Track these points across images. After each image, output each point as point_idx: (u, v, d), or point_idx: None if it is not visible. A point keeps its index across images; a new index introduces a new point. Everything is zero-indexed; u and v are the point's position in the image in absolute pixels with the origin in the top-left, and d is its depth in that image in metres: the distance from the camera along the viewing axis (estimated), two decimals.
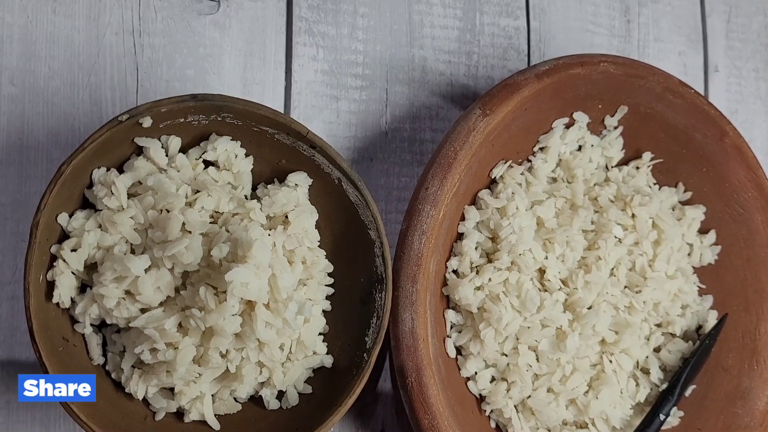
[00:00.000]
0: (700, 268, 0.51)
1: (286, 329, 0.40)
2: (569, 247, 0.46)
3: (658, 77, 0.47)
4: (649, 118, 0.49)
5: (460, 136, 0.43)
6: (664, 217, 0.48)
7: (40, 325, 0.37)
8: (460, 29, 0.53)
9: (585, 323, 0.45)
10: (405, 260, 0.42)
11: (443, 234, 0.43)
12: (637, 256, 0.48)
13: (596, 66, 0.46)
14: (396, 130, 0.50)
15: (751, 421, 0.49)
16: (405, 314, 0.41)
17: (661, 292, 0.48)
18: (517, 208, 0.46)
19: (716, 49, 0.60)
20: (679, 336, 0.50)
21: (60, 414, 0.43)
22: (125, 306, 0.39)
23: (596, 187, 0.48)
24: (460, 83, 0.52)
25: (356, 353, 0.42)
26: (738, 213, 0.50)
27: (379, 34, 0.51)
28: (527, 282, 0.45)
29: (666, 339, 0.50)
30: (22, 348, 0.43)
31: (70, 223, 0.39)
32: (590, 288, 0.46)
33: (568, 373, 0.45)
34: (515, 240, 0.45)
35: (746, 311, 0.50)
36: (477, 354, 0.45)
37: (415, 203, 0.42)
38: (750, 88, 0.61)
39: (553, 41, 0.55)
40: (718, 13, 0.60)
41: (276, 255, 0.41)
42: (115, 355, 0.41)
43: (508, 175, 0.47)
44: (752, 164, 0.50)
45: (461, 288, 0.44)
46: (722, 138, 0.49)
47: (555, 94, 0.45)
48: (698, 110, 0.49)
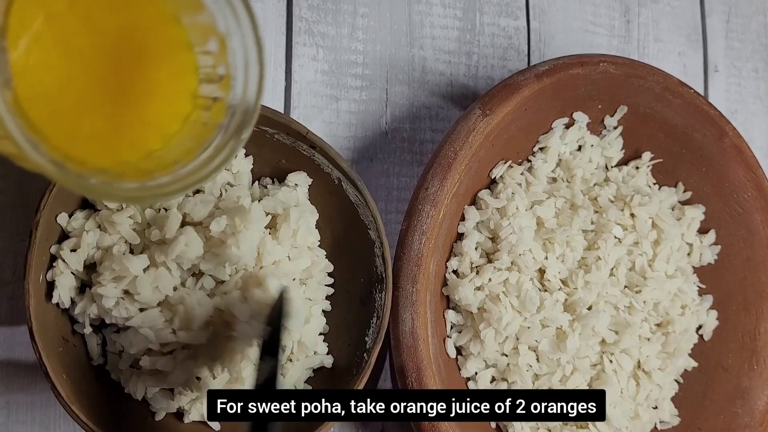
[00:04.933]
0: (700, 268, 0.51)
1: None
2: (569, 247, 0.46)
3: (657, 77, 0.47)
4: (648, 118, 0.49)
5: (460, 137, 0.43)
6: (664, 217, 0.48)
7: (39, 326, 0.37)
8: (460, 29, 0.53)
9: (585, 323, 0.45)
10: (405, 260, 0.42)
11: (443, 234, 0.43)
12: (636, 256, 0.48)
13: (596, 66, 0.46)
14: (396, 130, 0.50)
15: (750, 421, 0.49)
16: (405, 314, 0.41)
17: (660, 292, 0.48)
18: (517, 208, 0.46)
19: (716, 50, 0.60)
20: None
21: (60, 414, 0.43)
22: (124, 306, 0.39)
23: (596, 187, 0.48)
24: (460, 83, 0.52)
25: (356, 353, 0.42)
26: (737, 213, 0.50)
27: (379, 34, 0.51)
28: (527, 282, 0.45)
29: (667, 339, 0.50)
30: (22, 348, 0.43)
31: (70, 223, 0.39)
32: (590, 288, 0.46)
33: (568, 373, 0.45)
34: (515, 240, 0.45)
35: (746, 311, 0.50)
36: (477, 354, 0.45)
37: (415, 203, 0.42)
38: (749, 88, 0.61)
39: (553, 41, 0.55)
40: (718, 14, 0.60)
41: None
42: (114, 355, 0.41)
43: (507, 176, 0.47)
44: (752, 164, 0.50)
45: (461, 288, 0.44)
46: (722, 138, 0.49)
47: (555, 94, 0.45)
48: (698, 110, 0.49)
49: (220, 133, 0.27)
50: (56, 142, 0.24)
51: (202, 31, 0.28)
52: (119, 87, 0.27)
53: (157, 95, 0.28)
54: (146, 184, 0.25)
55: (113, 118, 0.27)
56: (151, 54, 0.28)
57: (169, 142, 0.28)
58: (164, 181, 0.26)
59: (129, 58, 0.28)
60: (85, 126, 0.27)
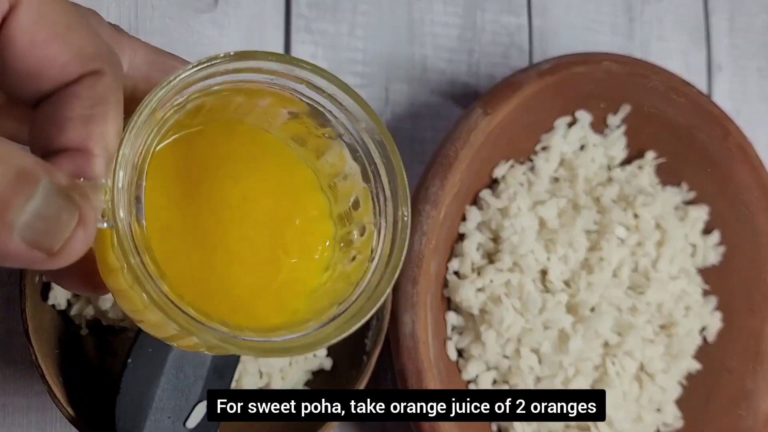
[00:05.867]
0: (704, 269, 0.51)
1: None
2: (571, 248, 0.46)
3: (661, 76, 0.47)
4: (652, 117, 0.49)
5: (461, 135, 0.43)
6: (668, 218, 0.48)
7: (35, 327, 0.37)
8: (461, 27, 0.52)
9: (588, 325, 0.44)
10: (405, 261, 0.41)
11: (444, 235, 0.43)
12: (640, 256, 0.47)
13: (599, 64, 0.45)
14: (396, 129, 0.50)
15: (754, 424, 0.48)
16: (405, 316, 0.41)
17: (664, 294, 0.47)
18: (519, 208, 0.45)
19: (719, 48, 0.60)
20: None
21: (56, 417, 0.43)
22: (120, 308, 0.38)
23: (599, 187, 0.48)
24: (461, 81, 0.52)
25: (356, 356, 0.41)
26: (742, 213, 0.50)
27: (379, 31, 0.50)
28: (529, 283, 0.45)
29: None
30: (18, 350, 0.43)
31: None
32: (593, 289, 0.45)
33: (570, 375, 0.45)
34: (517, 241, 0.44)
35: (750, 312, 0.50)
36: (478, 356, 0.45)
37: (416, 203, 0.42)
38: (754, 87, 0.61)
39: (555, 39, 0.55)
40: (721, 12, 0.60)
41: None
42: (111, 357, 0.40)
43: (509, 175, 0.46)
44: (756, 164, 0.49)
45: (462, 289, 0.44)
46: (726, 137, 0.49)
47: (557, 93, 0.45)
48: (702, 109, 0.48)
49: (357, 292, 0.26)
50: (178, 293, 0.23)
51: (343, 191, 0.27)
52: (253, 261, 0.26)
53: (291, 270, 0.27)
54: (272, 339, 0.24)
55: (242, 291, 0.26)
56: (292, 225, 0.27)
57: (296, 315, 0.26)
58: (290, 337, 0.24)
59: (265, 231, 0.27)
60: (212, 295, 0.25)
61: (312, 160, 0.27)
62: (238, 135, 0.27)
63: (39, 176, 0.19)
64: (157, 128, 0.23)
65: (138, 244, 0.22)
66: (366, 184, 0.26)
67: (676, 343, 0.48)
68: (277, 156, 0.27)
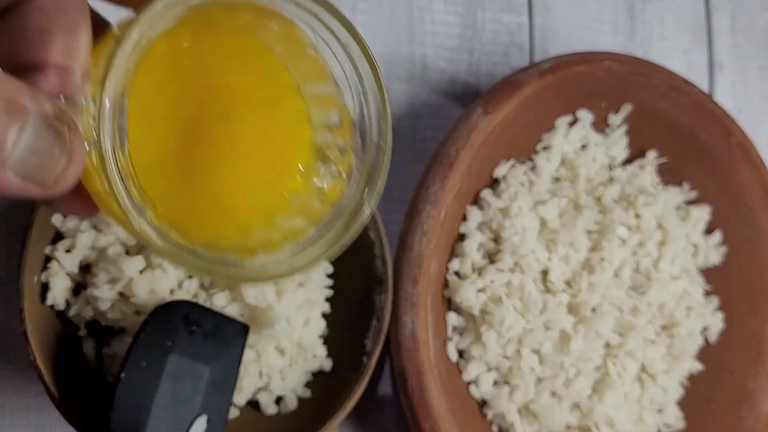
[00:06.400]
0: (706, 269, 0.51)
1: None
2: (573, 248, 0.45)
3: (662, 75, 0.47)
4: (653, 116, 0.49)
5: (462, 135, 0.42)
6: (669, 218, 0.48)
7: (34, 328, 0.36)
8: (462, 26, 0.52)
9: (589, 325, 0.44)
10: (405, 261, 0.41)
11: (444, 234, 0.43)
12: (641, 257, 0.47)
13: (600, 64, 0.45)
14: (396, 128, 0.50)
15: (756, 425, 0.48)
16: (405, 317, 0.41)
17: (665, 294, 0.47)
18: (519, 208, 0.45)
19: (721, 47, 0.60)
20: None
21: (55, 417, 0.43)
22: (119, 308, 0.38)
23: (600, 187, 0.48)
24: (462, 80, 0.52)
25: (356, 356, 0.41)
26: (744, 213, 0.50)
27: (379, 30, 0.50)
28: (530, 284, 0.44)
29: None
30: (16, 351, 0.42)
31: (65, 224, 0.39)
32: (594, 290, 0.45)
33: (571, 376, 0.45)
34: (518, 241, 0.44)
35: (752, 313, 0.50)
36: (479, 357, 0.44)
37: (416, 203, 0.42)
38: (755, 86, 0.60)
39: (556, 38, 0.54)
40: (723, 11, 0.60)
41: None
42: (110, 358, 0.40)
43: (510, 175, 0.46)
44: (758, 163, 0.49)
45: (463, 290, 0.44)
46: (727, 137, 0.49)
47: (558, 92, 0.45)
48: (703, 109, 0.48)
49: (334, 215, 0.26)
50: (162, 211, 0.23)
51: (324, 103, 0.27)
52: (231, 159, 0.26)
53: (267, 169, 0.27)
54: (249, 263, 0.24)
55: (221, 189, 0.26)
56: (270, 127, 0.27)
57: (273, 218, 0.26)
58: (267, 261, 0.24)
59: (243, 132, 0.26)
60: (192, 197, 0.26)
61: (294, 66, 0.27)
62: (218, 40, 0.26)
63: (27, 106, 0.19)
64: (139, 51, 0.23)
65: (122, 170, 0.21)
66: (349, 105, 0.26)
67: (678, 343, 0.48)
68: (258, 60, 0.27)
